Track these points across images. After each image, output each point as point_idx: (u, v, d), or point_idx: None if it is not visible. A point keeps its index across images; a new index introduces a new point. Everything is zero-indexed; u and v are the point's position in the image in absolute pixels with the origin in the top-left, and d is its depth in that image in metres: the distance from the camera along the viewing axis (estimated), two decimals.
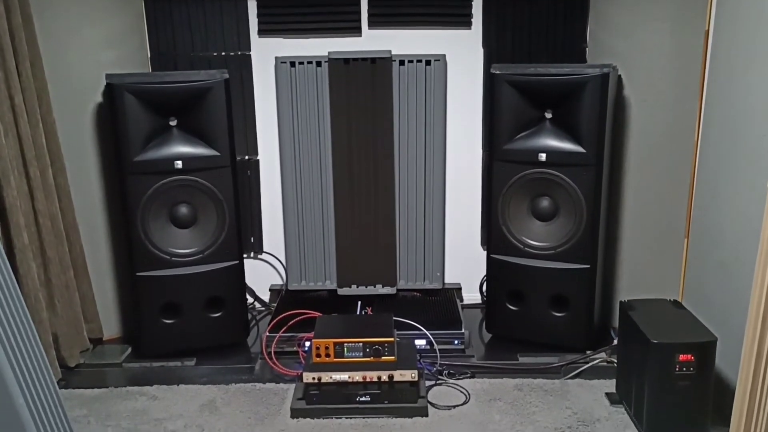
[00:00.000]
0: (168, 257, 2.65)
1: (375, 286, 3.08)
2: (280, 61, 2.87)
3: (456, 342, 2.70)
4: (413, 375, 2.27)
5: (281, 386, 2.47)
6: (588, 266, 2.61)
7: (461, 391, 2.42)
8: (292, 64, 2.86)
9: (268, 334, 2.69)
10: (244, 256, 2.98)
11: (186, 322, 2.70)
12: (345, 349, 2.29)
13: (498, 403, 2.34)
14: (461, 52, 2.99)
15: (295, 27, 2.97)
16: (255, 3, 2.94)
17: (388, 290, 3.08)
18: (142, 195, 2.57)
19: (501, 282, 2.77)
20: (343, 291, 3.09)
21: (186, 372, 2.61)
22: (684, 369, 1.98)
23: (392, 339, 2.29)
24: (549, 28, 2.94)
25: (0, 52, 2.26)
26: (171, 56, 2.95)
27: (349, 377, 2.26)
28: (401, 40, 2.96)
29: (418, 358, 2.44)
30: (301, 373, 2.32)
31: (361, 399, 2.27)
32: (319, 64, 2.86)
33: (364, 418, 2.25)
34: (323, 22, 2.96)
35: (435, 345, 2.62)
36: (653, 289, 2.69)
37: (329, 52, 2.84)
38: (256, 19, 2.97)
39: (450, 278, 3.18)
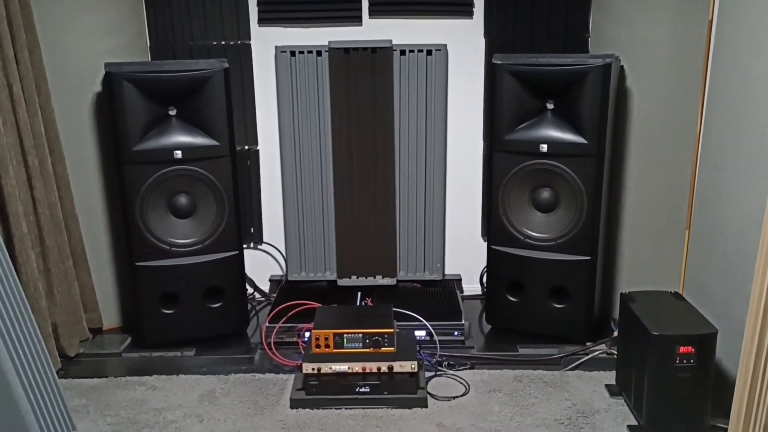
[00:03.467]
0: (167, 247, 2.64)
1: (375, 277, 3.08)
2: (280, 51, 2.85)
3: (456, 333, 2.69)
4: (413, 366, 2.27)
5: (281, 377, 2.47)
6: (588, 258, 2.60)
7: (461, 382, 2.42)
8: (292, 53, 2.84)
9: (267, 324, 2.68)
10: (244, 246, 2.97)
11: (185, 313, 2.70)
12: (345, 339, 2.29)
13: (497, 394, 2.34)
14: (462, 42, 2.97)
15: (295, 16, 2.95)
16: None
17: (388, 281, 3.08)
18: (142, 184, 2.56)
19: (501, 273, 2.76)
20: (343, 282, 3.08)
21: (185, 362, 2.61)
22: (684, 361, 1.98)
23: (392, 330, 2.29)
24: (551, 17, 2.92)
25: None
26: (170, 45, 2.93)
27: (349, 368, 2.26)
28: (402, 30, 2.94)
29: (418, 349, 2.44)
30: (301, 364, 2.32)
31: (360, 390, 2.27)
32: (319, 53, 2.84)
33: (363, 408, 2.25)
34: (323, 11, 2.94)
35: (435, 336, 2.62)
36: (654, 281, 2.68)
37: (329, 42, 2.82)
38: (256, 8, 2.95)
39: (450, 269, 3.18)
